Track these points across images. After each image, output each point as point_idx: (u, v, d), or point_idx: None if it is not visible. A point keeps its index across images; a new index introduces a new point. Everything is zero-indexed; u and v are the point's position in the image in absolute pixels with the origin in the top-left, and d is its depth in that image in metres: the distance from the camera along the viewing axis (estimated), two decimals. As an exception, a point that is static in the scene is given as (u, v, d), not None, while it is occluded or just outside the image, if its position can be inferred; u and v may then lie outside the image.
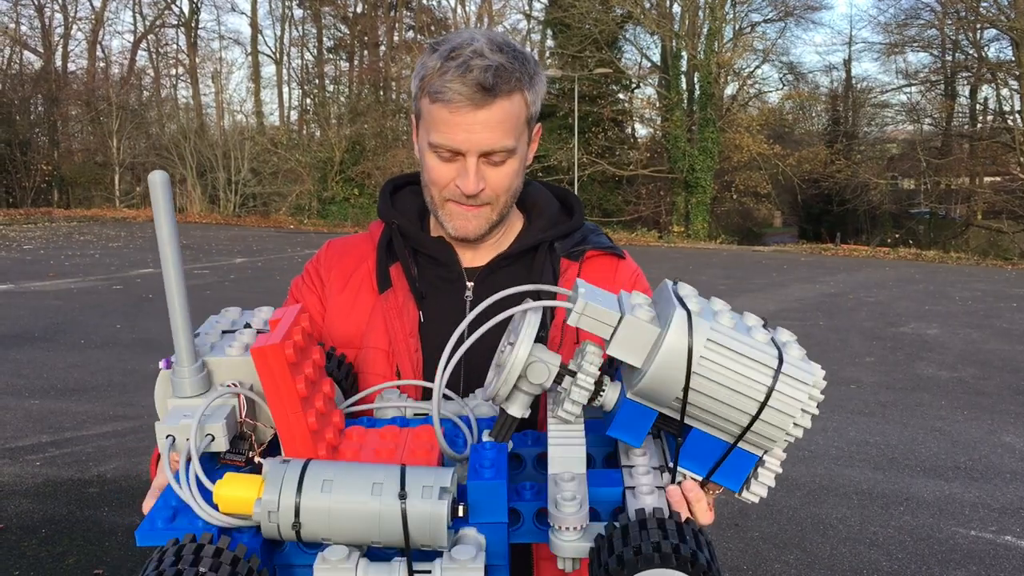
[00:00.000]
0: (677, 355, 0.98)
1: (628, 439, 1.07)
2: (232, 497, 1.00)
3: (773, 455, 1.07)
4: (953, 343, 10.91)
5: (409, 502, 0.97)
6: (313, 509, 0.97)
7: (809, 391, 1.01)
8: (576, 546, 1.02)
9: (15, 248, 20.70)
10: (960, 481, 5.87)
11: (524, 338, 1.05)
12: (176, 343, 1.07)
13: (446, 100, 1.41)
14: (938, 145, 34.49)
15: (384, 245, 1.60)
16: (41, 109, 40.04)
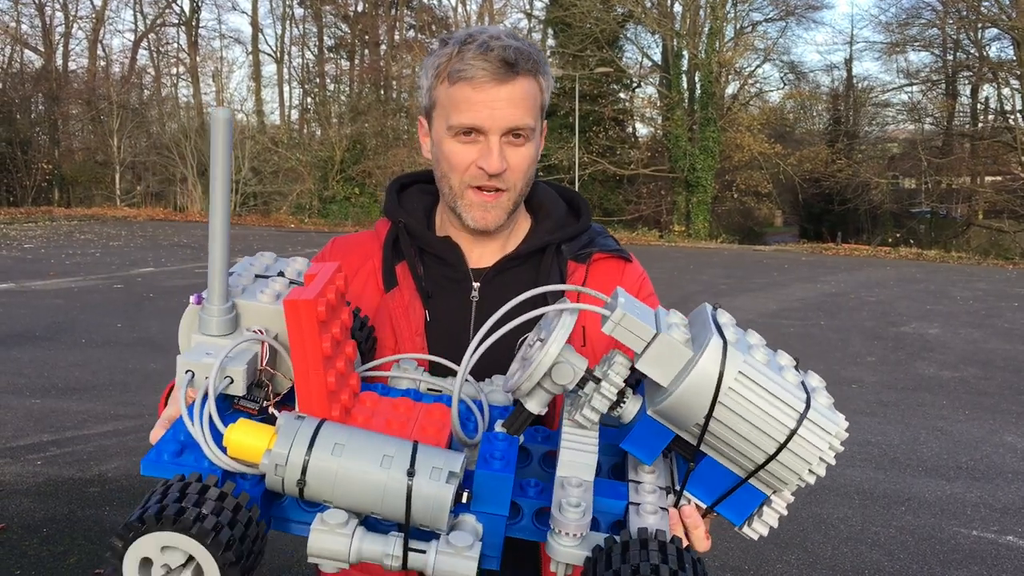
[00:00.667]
0: (706, 382, 0.97)
1: (640, 455, 1.07)
2: (242, 443, 1.00)
3: (781, 496, 1.06)
4: (954, 343, 10.90)
5: (416, 480, 0.97)
6: (321, 469, 0.97)
7: (830, 440, 1.00)
8: (573, 553, 1.01)
9: (16, 247, 20.70)
10: (962, 481, 5.86)
11: (556, 337, 1.04)
12: (211, 280, 1.07)
13: (468, 77, 1.42)
14: (939, 144, 34.48)
15: (390, 243, 1.59)
16: (42, 108, 40.05)
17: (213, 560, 0.92)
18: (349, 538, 0.97)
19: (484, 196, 1.50)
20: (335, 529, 0.97)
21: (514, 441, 1.09)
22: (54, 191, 37.68)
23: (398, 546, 0.97)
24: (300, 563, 4.37)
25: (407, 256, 1.58)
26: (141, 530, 0.92)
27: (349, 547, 0.96)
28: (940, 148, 34.11)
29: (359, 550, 0.97)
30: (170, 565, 0.93)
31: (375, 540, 0.98)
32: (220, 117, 1.01)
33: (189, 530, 0.91)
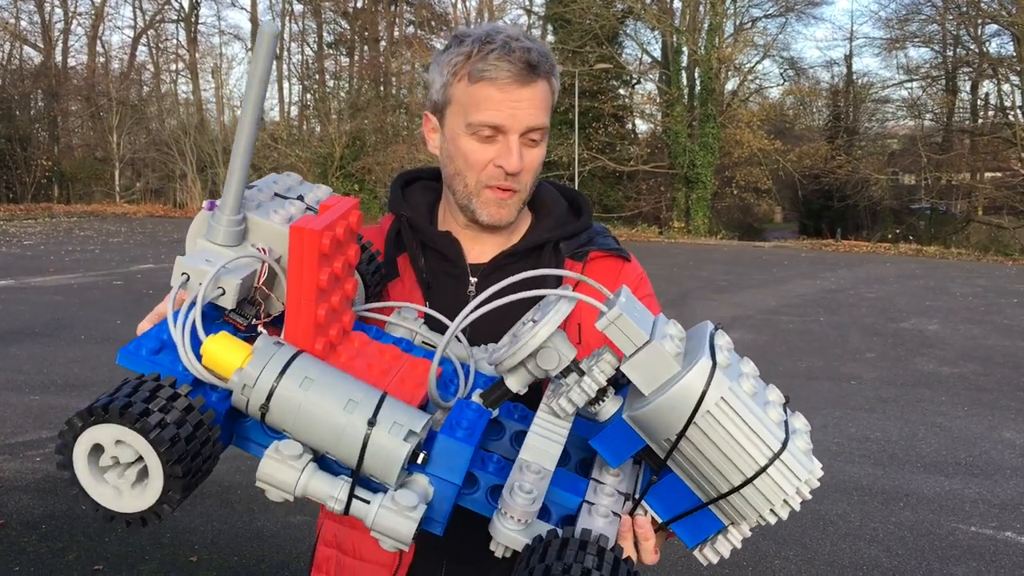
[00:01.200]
0: (686, 400, 0.95)
1: (608, 456, 1.06)
2: (217, 356, 1.01)
3: (739, 530, 1.05)
4: (954, 339, 10.90)
5: (375, 430, 0.97)
6: (285, 399, 0.98)
7: (799, 486, 0.98)
8: (513, 536, 1.02)
9: (15, 244, 20.69)
10: (960, 477, 5.87)
11: (548, 321, 1.03)
12: (226, 189, 1.07)
13: (491, 77, 1.44)
14: (939, 141, 34.45)
15: (392, 236, 1.61)
16: (41, 104, 40.01)
17: (160, 466, 0.92)
18: (299, 472, 0.97)
19: (500, 194, 1.52)
20: (287, 460, 0.97)
21: (485, 413, 1.09)
22: (54, 188, 37.66)
23: (344, 491, 0.98)
24: (298, 559, 4.37)
25: (409, 248, 1.60)
26: (103, 418, 0.93)
27: (297, 480, 0.97)
28: (940, 144, 34.09)
29: (306, 485, 0.97)
30: (119, 459, 0.94)
31: (323, 480, 0.98)
32: (267, 31, 1.03)
33: (147, 433, 0.92)
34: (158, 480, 0.93)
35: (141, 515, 0.95)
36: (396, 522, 0.97)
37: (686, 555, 4.52)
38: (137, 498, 0.95)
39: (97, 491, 0.95)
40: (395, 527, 0.97)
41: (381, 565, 1.49)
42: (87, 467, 0.95)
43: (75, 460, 0.95)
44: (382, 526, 0.97)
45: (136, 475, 0.95)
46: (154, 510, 0.94)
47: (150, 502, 0.94)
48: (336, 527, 1.57)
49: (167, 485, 0.93)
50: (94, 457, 0.95)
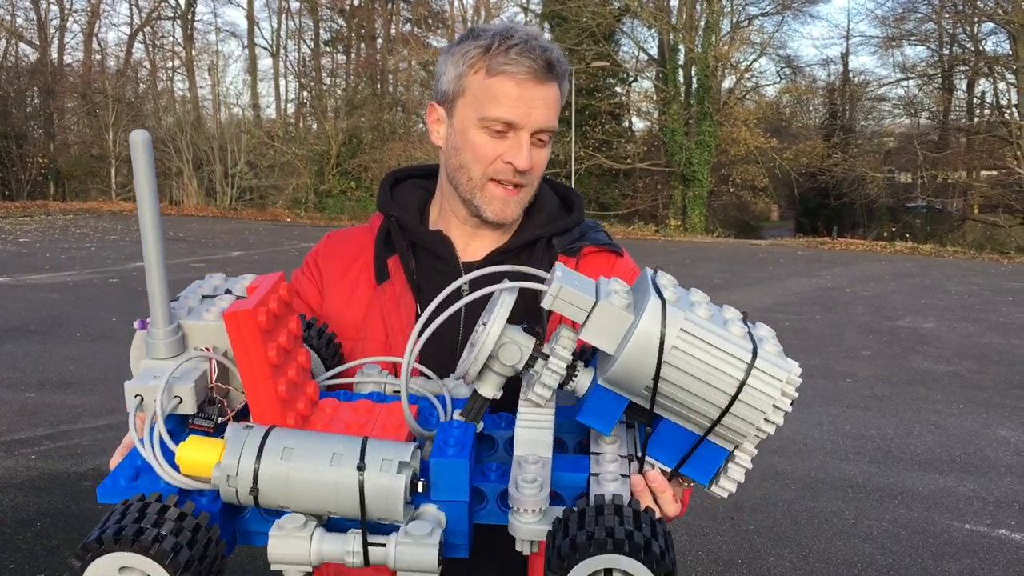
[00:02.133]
0: (649, 344, 0.96)
1: (598, 426, 1.06)
2: (194, 460, 1.00)
3: (744, 450, 1.06)
4: (949, 337, 10.92)
5: (367, 474, 0.96)
6: (271, 475, 0.97)
7: (782, 387, 0.99)
8: (533, 528, 1.02)
9: (11, 241, 20.65)
10: (955, 475, 5.88)
11: (496, 318, 1.05)
12: (152, 304, 1.06)
13: (512, 72, 1.44)
14: (935, 139, 34.47)
15: (383, 237, 1.60)
16: (37, 102, 39.91)
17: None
18: (308, 540, 0.96)
19: (506, 191, 1.52)
20: (293, 533, 0.97)
21: (469, 428, 1.09)
22: (49, 185, 37.58)
23: (357, 542, 0.97)
24: (294, 557, 4.37)
25: (399, 249, 1.58)
26: (99, 551, 0.92)
27: (309, 549, 0.96)
28: (936, 143, 34.10)
29: (319, 551, 0.97)
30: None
31: (335, 540, 0.98)
32: (139, 139, 0.98)
33: (148, 551, 0.91)
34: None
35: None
36: (417, 553, 0.97)
37: (680, 551, 4.53)
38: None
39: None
40: (418, 559, 0.97)
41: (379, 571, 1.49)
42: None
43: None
44: (405, 562, 0.97)
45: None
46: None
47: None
48: None
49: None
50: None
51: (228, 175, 34.76)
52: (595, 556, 0.92)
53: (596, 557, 0.92)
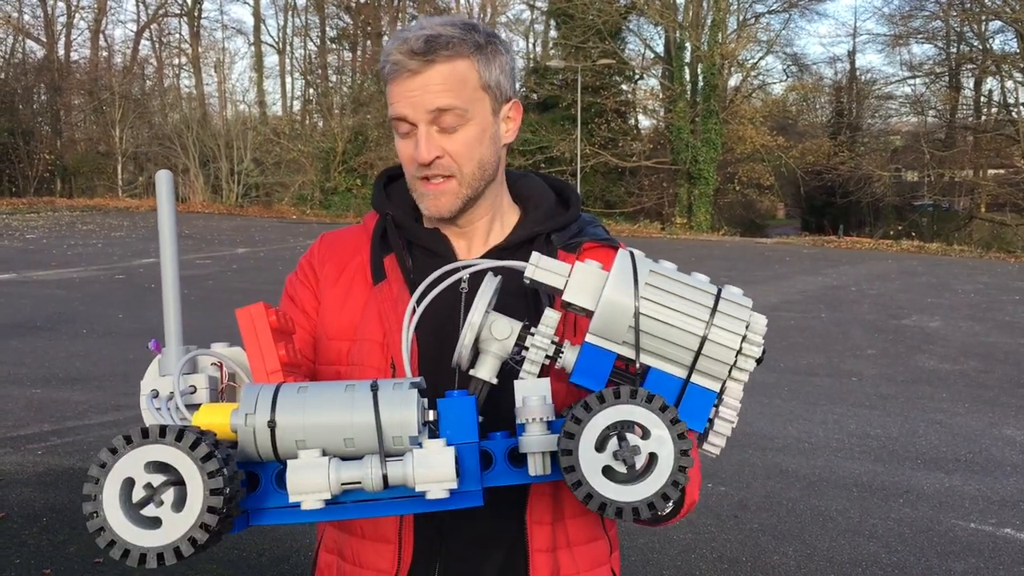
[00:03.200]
0: (625, 285, 1.05)
1: (590, 384, 1.10)
2: (211, 423, 1.02)
3: (729, 399, 1.10)
4: (955, 336, 10.90)
5: (380, 392, 1.00)
6: (289, 403, 0.99)
7: (749, 314, 1.08)
8: (543, 439, 1.06)
9: (18, 237, 20.71)
10: (960, 474, 5.87)
11: (480, 299, 1.10)
12: (166, 323, 1.11)
13: (387, 72, 1.45)
14: (942, 137, 34.40)
15: (378, 236, 1.59)
16: (44, 98, 40.03)
17: (200, 481, 0.92)
18: (326, 468, 0.98)
19: (427, 185, 1.50)
20: (311, 463, 0.98)
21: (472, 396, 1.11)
22: (56, 181, 37.68)
23: (375, 462, 0.98)
24: (297, 553, 4.39)
25: (395, 248, 1.56)
26: (140, 442, 0.93)
27: (328, 475, 0.97)
28: (943, 141, 34.04)
29: (338, 476, 0.98)
30: (153, 484, 0.94)
31: (352, 465, 0.99)
32: (163, 178, 1.08)
33: (191, 448, 0.92)
34: (197, 500, 0.92)
35: (175, 546, 0.93)
36: (434, 462, 0.98)
37: (684, 549, 4.53)
38: (172, 526, 0.93)
39: (133, 532, 0.94)
40: (435, 467, 0.98)
41: (380, 571, 1.49)
42: (117, 505, 0.93)
43: (105, 498, 0.93)
44: (423, 475, 0.98)
45: (172, 500, 0.94)
46: (189, 536, 0.93)
47: (184, 529, 0.93)
48: (337, 534, 1.56)
49: (205, 503, 0.92)
50: (124, 497, 0.94)
51: (234, 172, 34.82)
52: (609, 407, 1.00)
53: (610, 408, 1.00)
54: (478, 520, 1.46)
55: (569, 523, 1.51)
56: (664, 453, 1.00)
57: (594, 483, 1.00)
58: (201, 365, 1.15)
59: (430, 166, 1.46)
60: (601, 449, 1.00)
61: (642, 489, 1.00)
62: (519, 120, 1.58)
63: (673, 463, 1.00)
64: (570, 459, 0.99)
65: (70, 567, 4.17)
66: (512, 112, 1.56)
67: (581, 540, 1.52)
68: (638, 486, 1.00)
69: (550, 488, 1.47)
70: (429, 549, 1.47)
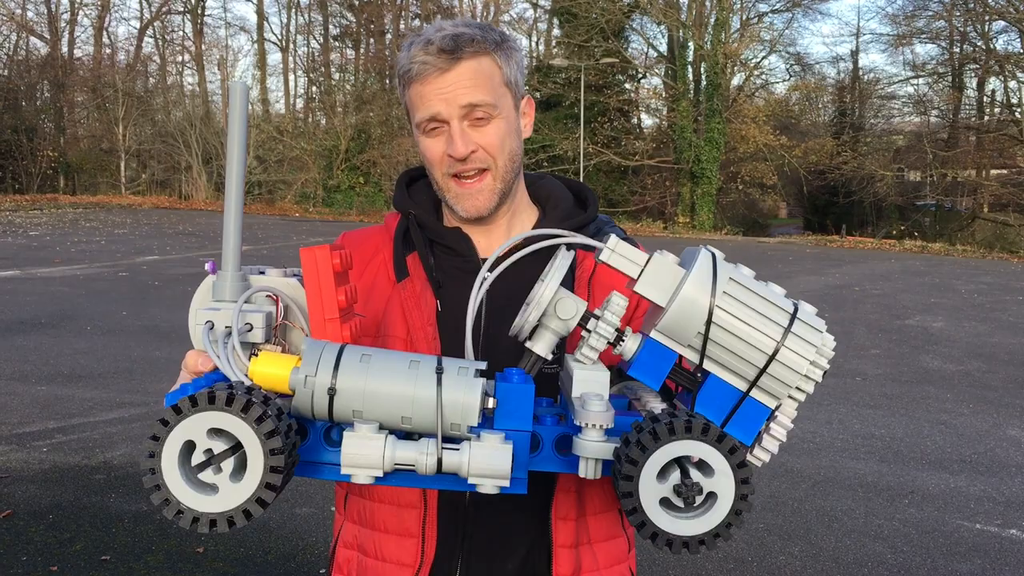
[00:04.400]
0: (703, 287, 1.01)
1: (647, 380, 1.08)
2: (268, 373, 1.01)
3: (783, 415, 1.09)
4: (959, 336, 10.90)
5: (445, 376, 0.99)
6: (351, 370, 0.98)
7: (822, 338, 1.04)
8: (600, 446, 1.04)
9: (21, 234, 20.73)
10: (965, 474, 5.87)
11: (553, 275, 1.08)
12: (224, 246, 1.09)
13: (415, 74, 1.46)
14: (945, 137, 34.38)
15: (401, 235, 1.60)
16: (47, 95, 40.05)
17: (260, 449, 0.92)
18: (382, 444, 0.97)
19: (462, 184, 1.51)
20: (368, 435, 0.97)
21: (529, 377, 1.10)
22: (59, 179, 37.72)
23: (432, 445, 0.98)
24: (304, 551, 4.39)
25: (418, 247, 1.58)
26: (206, 407, 0.92)
27: (383, 452, 0.97)
28: (946, 141, 34.02)
29: (393, 455, 0.97)
30: (213, 450, 0.93)
31: (408, 445, 0.98)
32: (238, 88, 1.06)
33: (256, 422, 0.91)
34: (258, 465, 0.92)
35: (228, 515, 0.93)
36: (492, 456, 0.98)
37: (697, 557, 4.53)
38: (231, 494, 0.93)
39: (189, 495, 0.93)
40: (492, 462, 0.98)
41: (403, 565, 1.49)
42: (175, 466, 0.93)
43: (164, 458, 0.92)
44: (479, 467, 0.98)
45: (232, 468, 0.94)
46: (244, 509, 0.93)
47: (239, 501, 0.93)
48: (357, 529, 1.57)
49: (264, 478, 0.92)
50: (183, 458, 0.94)
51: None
52: (677, 441, 0.97)
53: (674, 443, 0.97)
54: (501, 515, 1.48)
55: (591, 520, 1.52)
56: (724, 493, 0.98)
57: (651, 514, 0.98)
58: (256, 297, 1.13)
59: (465, 161, 1.48)
60: (661, 478, 0.99)
61: (697, 525, 0.99)
62: (533, 115, 1.62)
63: (732, 505, 0.98)
64: (629, 486, 0.98)
65: (76, 564, 4.17)
66: (527, 107, 1.60)
67: (602, 537, 1.54)
68: (693, 521, 0.99)
69: (575, 484, 1.48)
70: (452, 543, 1.48)
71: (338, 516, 1.64)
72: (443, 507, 1.47)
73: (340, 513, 1.63)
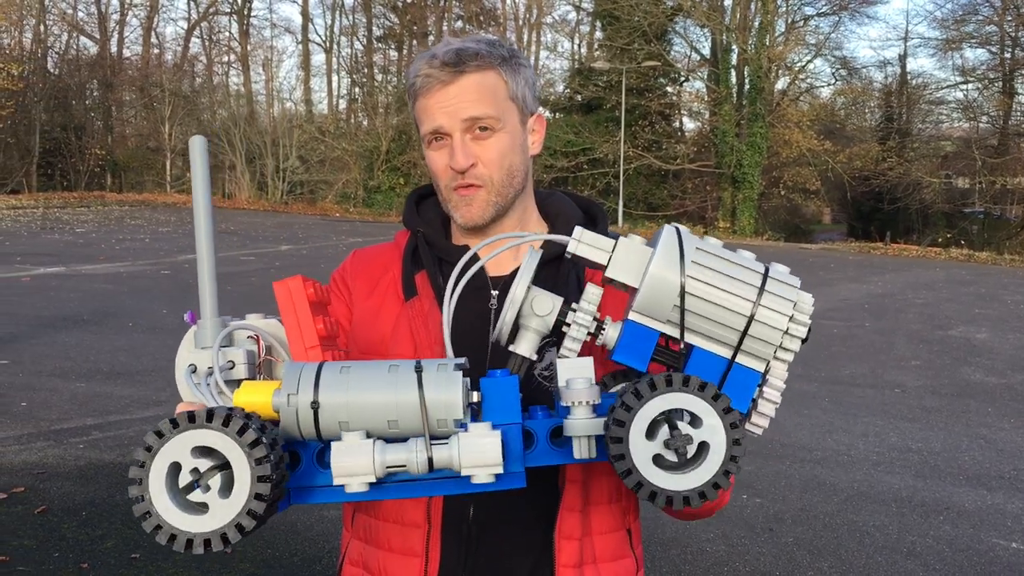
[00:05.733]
0: (671, 261, 1.03)
1: (633, 362, 1.09)
2: (252, 402, 1.02)
3: (774, 380, 1.09)
4: (1003, 348, 10.68)
5: (425, 374, 1.00)
6: (333, 383, 0.99)
7: (797, 293, 1.06)
8: (589, 423, 1.05)
9: (68, 231, 21.14)
10: (1004, 491, 5.75)
11: (523, 273, 1.10)
12: (201, 294, 1.12)
13: (419, 87, 1.48)
14: (995, 144, 33.73)
15: (410, 253, 1.61)
16: (96, 94, 40.81)
17: (248, 467, 0.92)
18: (371, 451, 0.98)
19: (462, 192, 1.52)
20: (356, 442, 0.98)
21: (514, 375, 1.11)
22: (107, 176, 38.41)
23: (421, 444, 0.99)
24: (330, 554, 4.41)
25: (427, 265, 1.59)
26: (187, 427, 0.93)
27: (373, 458, 0.97)
28: (995, 147, 33.37)
29: (383, 459, 0.98)
30: (199, 469, 0.94)
31: (397, 448, 0.99)
32: (196, 144, 1.09)
33: (238, 434, 0.92)
34: (244, 487, 0.92)
35: (221, 532, 0.93)
36: (481, 445, 0.98)
37: (716, 562, 4.49)
38: (222, 510, 0.94)
39: (179, 517, 0.94)
40: (481, 452, 0.98)
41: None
42: (163, 490, 0.94)
43: (152, 483, 0.94)
44: (470, 459, 0.98)
45: (220, 484, 0.95)
46: (236, 523, 0.93)
47: (231, 516, 0.93)
48: (362, 547, 1.57)
49: (252, 489, 0.92)
50: (170, 482, 0.95)
51: (279, 169, 35.20)
52: (660, 395, 0.98)
53: (660, 396, 0.98)
54: (505, 535, 1.48)
55: (597, 539, 1.51)
56: (716, 442, 0.99)
57: (645, 472, 0.99)
58: (238, 338, 1.15)
59: (464, 174, 1.49)
60: (651, 436, 1.00)
61: (693, 478, 0.99)
62: (543, 132, 1.62)
63: (725, 452, 0.99)
64: (620, 447, 0.99)
65: (107, 562, 4.23)
66: (536, 125, 1.60)
67: (608, 557, 1.52)
68: (689, 475, 1.00)
69: (579, 504, 1.47)
70: (455, 563, 1.48)
71: (345, 533, 1.65)
72: (447, 527, 1.47)
73: (348, 530, 1.64)
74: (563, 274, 1.56)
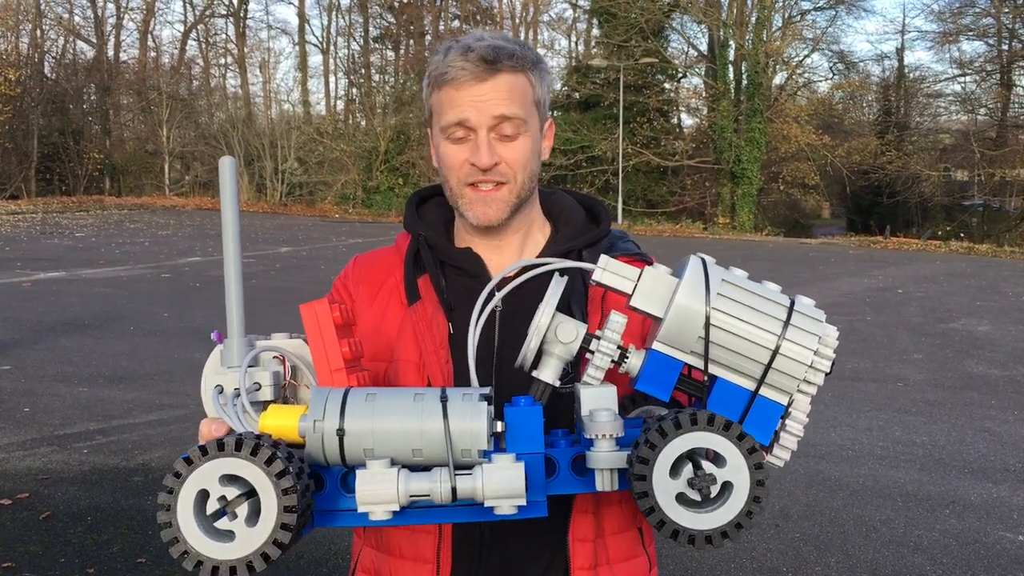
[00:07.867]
0: (696, 293, 1.03)
1: (656, 392, 1.09)
2: (277, 426, 1.03)
3: (797, 412, 1.08)
4: (1005, 340, 10.67)
5: (450, 404, 1.00)
6: (358, 412, 0.99)
7: (822, 328, 1.05)
8: (612, 455, 1.05)
9: (67, 235, 21.12)
10: (1009, 484, 5.74)
11: (548, 301, 1.09)
12: (228, 314, 1.12)
13: (451, 78, 1.45)
14: (993, 136, 33.72)
15: (412, 257, 1.59)
16: (94, 98, 40.79)
17: (275, 497, 0.93)
18: (395, 479, 0.98)
19: (478, 191, 1.51)
20: (381, 471, 0.98)
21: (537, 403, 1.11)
22: (105, 180, 38.40)
23: (445, 473, 0.99)
24: (336, 556, 4.41)
25: (429, 269, 1.57)
26: (215, 455, 0.94)
27: (397, 486, 0.97)
28: (994, 140, 33.35)
29: (407, 488, 0.98)
30: (227, 497, 0.95)
31: (421, 477, 0.99)
32: (226, 165, 1.11)
33: (266, 463, 0.93)
34: (271, 516, 0.93)
35: (247, 560, 0.94)
36: (505, 477, 0.98)
37: (723, 559, 4.48)
38: (249, 538, 0.95)
39: (206, 544, 0.95)
40: (506, 482, 0.98)
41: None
42: (191, 517, 0.95)
43: (180, 509, 0.95)
44: (493, 491, 0.98)
45: (247, 513, 0.95)
46: (262, 552, 0.94)
47: (257, 544, 0.94)
48: (374, 554, 1.57)
49: (279, 519, 0.93)
50: (198, 508, 0.96)
51: (278, 171, 35.20)
52: (685, 434, 0.98)
53: (686, 435, 0.98)
54: (517, 538, 1.47)
55: (609, 540, 1.50)
56: (740, 482, 0.99)
57: (668, 511, 0.99)
58: (263, 358, 1.16)
59: (486, 172, 1.48)
60: (674, 474, 0.99)
61: (716, 517, 0.99)
62: (552, 139, 1.63)
63: (749, 493, 0.99)
64: (643, 485, 0.99)
65: (112, 566, 4.23)
66: (548, 131, 1.60)
67: (621, 557, 1.52)
68: (712, 514, 0.99)
69: (592, 505, 1.47)
70: (467, 568, 1.47)
71: (357, 540, 1.64)
72: (458, 532, 1.47)
73: (359, 537, 1.63)
74: (569, 281, 1.55)
